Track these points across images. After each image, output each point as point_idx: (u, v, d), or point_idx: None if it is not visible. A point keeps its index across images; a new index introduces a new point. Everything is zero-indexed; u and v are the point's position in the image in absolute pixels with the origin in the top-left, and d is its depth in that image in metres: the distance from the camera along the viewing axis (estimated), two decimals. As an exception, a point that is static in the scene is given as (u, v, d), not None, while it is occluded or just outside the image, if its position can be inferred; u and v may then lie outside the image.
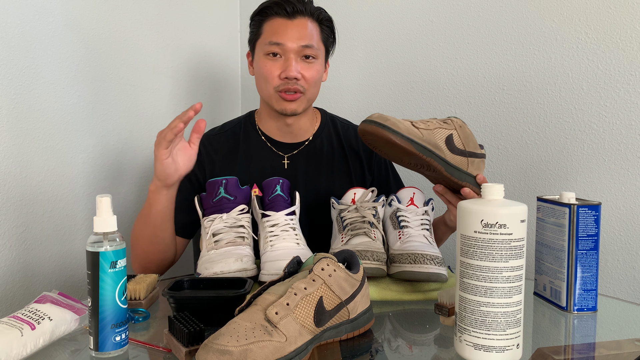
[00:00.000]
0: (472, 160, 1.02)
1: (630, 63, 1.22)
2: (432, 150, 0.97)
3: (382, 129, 0.94)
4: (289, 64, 1.16)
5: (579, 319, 0.88)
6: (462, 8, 1.45)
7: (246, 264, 0.96)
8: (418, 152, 0.96)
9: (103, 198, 0.72)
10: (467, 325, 0.69)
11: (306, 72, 1.18)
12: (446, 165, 0.99)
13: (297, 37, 1.17)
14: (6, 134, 1.14)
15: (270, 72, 1.18)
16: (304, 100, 1.21)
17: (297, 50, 1.17)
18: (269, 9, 1.19)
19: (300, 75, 1.17)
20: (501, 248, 0.67)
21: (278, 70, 1.17)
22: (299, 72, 1.17)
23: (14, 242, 1.17)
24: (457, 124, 1.03)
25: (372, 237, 1.00)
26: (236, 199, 1.05)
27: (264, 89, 1.22)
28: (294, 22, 1.18)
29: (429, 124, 1.00)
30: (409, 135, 0.95)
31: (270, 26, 1.19)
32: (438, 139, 0.99)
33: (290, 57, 1.17)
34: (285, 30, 1.17)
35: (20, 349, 0.70)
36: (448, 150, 1.00)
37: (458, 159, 1.00)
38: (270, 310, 0.68)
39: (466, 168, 1.01)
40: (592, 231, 0.89)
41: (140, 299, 0.89)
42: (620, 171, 1.25)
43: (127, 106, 1.42)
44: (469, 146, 1.02)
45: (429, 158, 0.97)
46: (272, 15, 1.19)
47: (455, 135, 1.01)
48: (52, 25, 1.22)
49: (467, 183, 1.01)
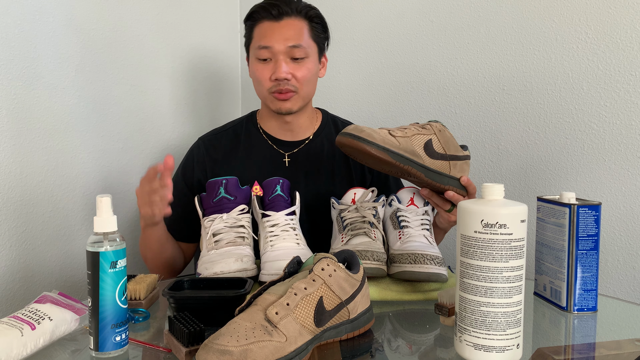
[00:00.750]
0: (454, 164, 1.03)
1: (630, 63, 1.22)
2: (409, 157, 0.98)
3: (357, 141, 0.95)
4: (278, 66, 1.18)
5: (579, 319, 0.88)
6: (462, 8, 1.45)
7: (246, 264, 0.96)
8: (394, 160, 0.96)
9: (103, 198, 0.72)
10: (467, 325, 0.69)
11: (297, 72, 1.20)
12: (425, 171, 0.99)
13: (284, 38, 1.18)
14: (6, 134, 1.14)
15: (262, 75, 1.20)
16: (299, 98, 1.22)
17: (285, 52, 1.18)
18: (256, 14, 1.22)
19: (291, 75, 1.19)
20: (501, 248, 0.67)
21: (269, 72, 1.20)
22: (289, 72, 1.19)
23: (14, 242, 1.17)
24: (437, 129, 1.04)
25: (372, 237, 1.00)
26: (236, 199, 1.05)
27: (259, 91, 1.25)
28: (280, 24, 1.19)
29: (406, 131, 1.01)
30: (384, 145, 0.96)
31: (259, 30, 1.21)
32: (416, 146, 1.00)
33: (279, 58, 1.19)
34: (272, 33, 1.19)
35: (20, 349, 0.70)
36: (427, 156, 1.00)
37: (439, 164, 1.01)
38: (271, 310, 0.68)
39: (448, 171, 1.02)
40: (592, 231, 0.89)
41: (140, 299, 0.89)
42: (620, 171, 1.24)
43: (127, 106, 1.42)
44: (449, 150, 1.03)
45: (406, 166, 0.97)
46: (260, 19, 1.21)
47: (434, 139, 1.02)
48: (52, 25, 1.22)
49: (450, 186, 1.02)
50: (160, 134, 1.53)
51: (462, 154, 1.05)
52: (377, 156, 0.96)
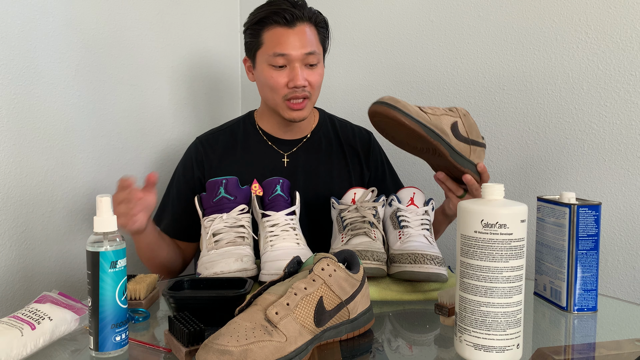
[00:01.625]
0: (474, 149, 1.05)
1: (630, 63, 1.22)
2: (439, 134, 0.99)
3: (393, 110, 0.97)
4: (295, 73, 1.17)
5: (579, 319, 0.88)
6: (462, 8, 1.45)
7: (246, 264, 0.96)
8: (426, 134, 0.98)
9: (103, 198, 0.72)
10: (467, 325, 0.69)
11: (311, 78, 1.20)
12: (451, 151, 1.01)
13: (300, 45, 1.17)
14: (6, 134, 1.14)
15: (277, 82, 1.18)
16: (310, 104, 1.23)
17: (301, 58, 1.17)
18: (267, 19, 1.18)
19: (307, 82, 1.19)
20: (501, 248, 0.67)
21: (285, 79, 1.18)
22: (305, 79, 1.18)
23: (14, 242, 1.17)
24: (462, 112, 1.06)
25: (372, 237, 1.00)
26: (236, 199, 1.05)
27: (270, 98, 1.22)
28: (294, 30, 1.17)
29: (435, 110, 1.03)
30: (418, 118, 0.98)
31: (271, 36, 1.18)
32: (445, 125, 1.01)
33: (295, 66, 1.17)
34: (287, 40, 1.17)
35: (20, 349, 0.70)
36: (453, 136, 1.02)
37: (462, 146, 1.03)
38: (271, 310, 0.68)
39: (469, 155, 1.04)
40: (592, 231, 0.89)
41: (140, 299, 0.89)
42: (620, 171, 1.24)
43: (127, 106, 1.42)
44: (472, 134, 1.05)
45: (436, 142, 0.99)
46: (272, 24, 1.18)
47: (460, 122, 1.04)
48: (52, 25, 1.22)
49: (469, 170, 1.04)
50: (160, 134, 1.53)
51: (481, 142, 1.07)
52: (411, 128, 0.98)
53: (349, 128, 1.35)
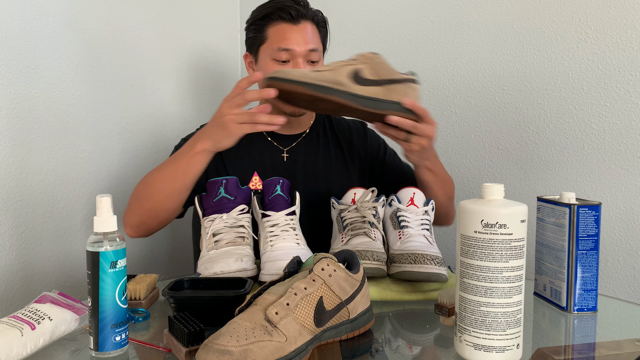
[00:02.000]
0: (391, 88, 0.99)
1: (630, 63, 1.22)
2: (330, 87, 0.96)
3: (274, 81, 0.96)
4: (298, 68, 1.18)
5: (579, 319, 0.88)
6: (462, 8, 1.45)
7: (246, 264, 0.96)
8: (315, 92, 0.95)
9: (103, 198, 0.72)
10: (467, 325, 0.69)
11: None
12: (354, 98, 0.97)
13: (304, 41, 1.19)
14: (6, 134, 1.14)
15: None
16: None
17: (304, 54, 1.20)
18: (272, 14, 1.21)
19: None
20: (501, 248, 0.67)
21: None
22: None
23: (14, 242, 1.17)
24: (368, 57, 1.01)
25: (372, 237, 1.00)
26: (236, 199, 1.05)
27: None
28: (298, 27, 1.20)
29: (333, 65, 0.99)
30: (301, 79, 0.95)
31: (275, 31, 1.20)
32: (341, 76, 0.97)
33: (298, 61, 1.19)
34: (292, 36, 1.19)
35: (20, 349, 0.70)
36: (355, 84, 0.98)
37: (371, 90, 0.98)
38: (271, 310, 0.68)
39: (385, 96, 0.99)
40: (592, 231, 0.89)
41: (140, 299, 0.89)
42: (620, 171, 1.24)
43: (127, 106, 1.42)
44: (382, 75, 0.99)
45: (330, 96, 0.96)
46: (276, 19, 1.20)
47: (365, 68, 0.99)
48: (52, 25, 1.22)
49: (391, 111, 0.99)
50: (160, 134, 1.53)
51: (401, 77, 1.00)
52: (297, 91, 0.95)
53: (344, 122, 1.36)
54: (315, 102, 0.99)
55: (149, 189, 1.11)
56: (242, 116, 1.00)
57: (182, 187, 1.10)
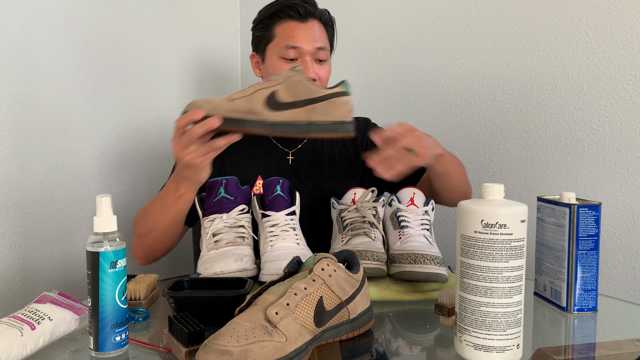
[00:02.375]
0: (311, 108, 0.92)
1: (630, 63, 1.22)
2: (240, 118, 0.90)
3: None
4: (306, 67, 1.19)
5: (579, 319, 0.88)
6: (462, 8, 1.45)
7: (246, 264, 0.96)
8: (225, 126, 0.90)
9: (103, 198, 0.72)
10: (467, 325, 0.69)
11: (320, 73, 1.21)
12: (269, 126, 0.91)
13: (312, 39, 1.19)
14: (6, 134, 1.14)
15: None
16: None
17: (312, 53, 1.20)
18: (280, 12, 1.20)
19: (317, 76, 1.20)
20: (501, 248, 0.67)
21: None
22: (316, 73, 1.20)
23: (14, 242, 1.17)
24: (284, 77, 0.94)
25: (372, 237, 1.00)
26: (236, 199, 1.05)
27: None
28: (306, 25, 1.20)
29: (248, 90, 0.93)
30: (211, 113, 0.90)
31: (283, 29, 1.20)
32: (256, 102, 0.92)
33: (306, 59, 1.19)
34: (300, 34, 1.19)
35: (20, 349, 0.70)
36: (270, 110, 0.91)
37: (288, 114, 0.92)
38: (271, 310, 0.68)
39: (307, 118, 0.92)
40: (592, 231, 0.89)
41: (140, 299, 0.89)
42: (620, 171, 1.24)
43: (127, 106, 1.42)
44: (301, 94, 0.93)
45: (240, 128, 0.91)
46: (284, 18, 1.20)
47: (280, 90, 0.93)
48: (52, 25, 1.22)
49: (317, 132, 0.92)
50: (160, 134, 1.53)
51: (323, 94, 0.93)
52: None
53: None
54: (224, 133, 0.95)
55: (146, 226, 1.12)
56: (201, 150, 0.96)
57: (176, 223, 1.11)
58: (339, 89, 0.94)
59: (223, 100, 0.92)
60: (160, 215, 1.10)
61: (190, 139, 0.93)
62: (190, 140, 0.94)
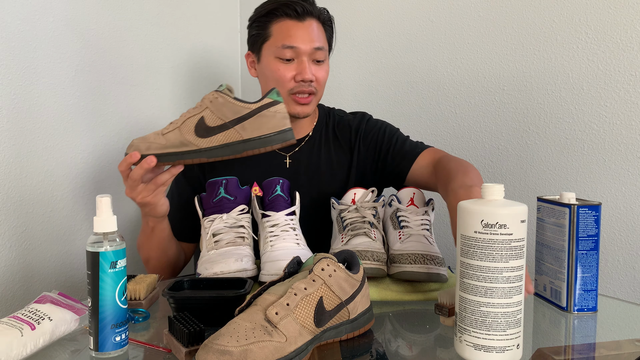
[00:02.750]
0: (240, 127, 0.92)
1: (630, 63, 1.22)
2: (175, 152, 0.91)
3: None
4: (303, 67, 1.16)
5: (579, 319, 0.88)
6: (462, 8, 1.45)
7: (246, 264, 0.96)
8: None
9: (103, 198, 0.72)
10: (467, 325, 0.69)
11: (318, 74, 1.19)
12: (205, 153, 0.91)
13: (309, 39, 1.17)
14: (6, 134, 1.14)
15: (284, 75, 1.17)
16: (315, 101, 1.22)
17: (309, 53, 1.17)
18: (277, 10, 1.18)
19: (314, 77, 1.18)
20: (501, 248, 0.67)
21: (292, 72, 1.17)
22: (313, 74, 1.18)
23: (14, 242, 1.17)
24: (209, 100, 0.93)
25: (372, 237, 1.00)
26: (236, 199, 1.05)
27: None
28: (304, 24, 1.17)
29: (177, 121, 0.94)
30: (147, 152, 0.92)
31: (280, 28, 1.18)
32: (186, 132, 0.92)
33: (303, 59, 1.17)
34: (297, 33, 1.16)
35: (20, 349, 0.70)
36: (200, 138, 0.92)
37: (221, 137, 0.91)
38: (270, 310, 0.68)
39: (240, 137, 0.92)
40: (592, 231, 0.89)
41: (140, 299, 0.89)
42: (620, 171, 1.24)
43: (127, 106, 1.42)
44: (227, 116, 0.92)
45: (178, 161, 0.92)
46: (281, 16, 1.17)
47: (206, 115, 0.92)
48: (52, 25, 1.22)
49: (252, 149, 0.92)
50: (160, 134, 1.53)
51: (250, 109, 0.92)
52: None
53: (345, 121, 1.31)
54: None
55: (144, 255, 1.19)
56: (148, 189, 0.99)
57: (164, 249, 1.16)
58: (267, 99, 0.94)
59: (157, 136, 0.93)
60: (149, 246, 1.15)
61: (135, 181, 0.97)
62: (135, 183, 0.97)
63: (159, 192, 1.01)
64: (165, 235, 1.14)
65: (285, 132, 0.94)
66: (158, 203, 1.03)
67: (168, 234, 1.15)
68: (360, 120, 1.30)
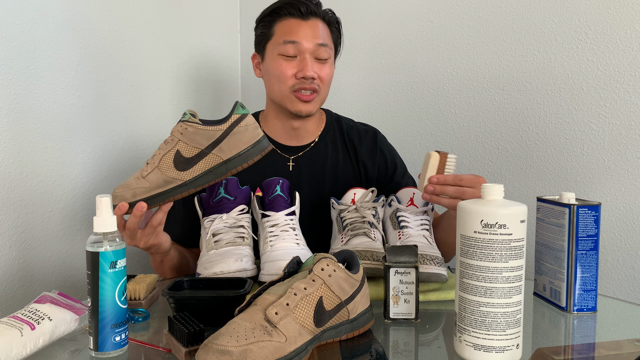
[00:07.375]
0: (219, 149, 0.93)
1: (630, 63, 1.22)
2: (161, 192, 0.92)
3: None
4: (305, 64, 1.15)
5: (578, 319, 0.88)
6: (462, 8, 1.45)
7: (246, 264, 0.96)
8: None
9: (103, 198, 0.72)
10: (467, 325, 0.69)
11: (321, 72, 1.18)
12: (191, 184, 0.92)
13: (312, 36, 1.16)
14: (6, 134, 1.14)
15: (285, 72, 1.16)
16: (318, 100, 1.20)
17: (312, 50, 1.16)
18: (281, 10, 1.18)
19: (317, 75, 1.17)
20: (501, 248, 0.67)
21: (293, 69, 1.16)
22: (315, 72, 1.16)
23: (14, 242, 1.17)
24: (179, 132, 0.94)
25: (372, 238, 1.00)
26: (236, 199, 1.05)
27: (276, 90, 1.19)
28: (307, 23, 1.17)
29: (154, 160, 0.93)
30: (134, 199, 0.91)
31: (283, 26, 1.17)
32: (166, 169, 0.92)
33: (305, 56, 1.16)
34: (299, 30, 1.16)
35: (20, 349, 0.70)
36: (181, 171, 0.92)
37: (201, 165, 0.92)
38: (270, 310, 0.68)
39: (220, 160, 0.93)
40: (592, 231, 0.89)
41: (140, 299, 0.89)
42: (620, 171, 1.25)
43: (127, 106, 1.42)
44: (201, 143, 0.92)
45: (167, 201, 0.93)
46: (285, 15, 1.17)
47: (182, 146, 0.93)
48: (52, 25, 1.22)
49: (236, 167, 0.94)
50: (160, 134, 1.53)
51: (221, 131, 0.93)
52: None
53: (354, 131, 1.31)
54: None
55: (159, 274, 1.17)
56: (146, 233, 0.98)
57: (178, 267, 1.16)
58: (235, 116, 0.94)
59: (139, 180, 0.93)
60: (162, 270, 1.15)
61: (133, 230, 0.96)
62: (133, 232, 0.97)
63: (158, 231, 1.00)
64: (176, 261, 1.14)
65: (260, 143, 0.96)
66: (161, 241, 1.03)
67: (178, 259, 1.15)
68: (375, 133, 1.31)
